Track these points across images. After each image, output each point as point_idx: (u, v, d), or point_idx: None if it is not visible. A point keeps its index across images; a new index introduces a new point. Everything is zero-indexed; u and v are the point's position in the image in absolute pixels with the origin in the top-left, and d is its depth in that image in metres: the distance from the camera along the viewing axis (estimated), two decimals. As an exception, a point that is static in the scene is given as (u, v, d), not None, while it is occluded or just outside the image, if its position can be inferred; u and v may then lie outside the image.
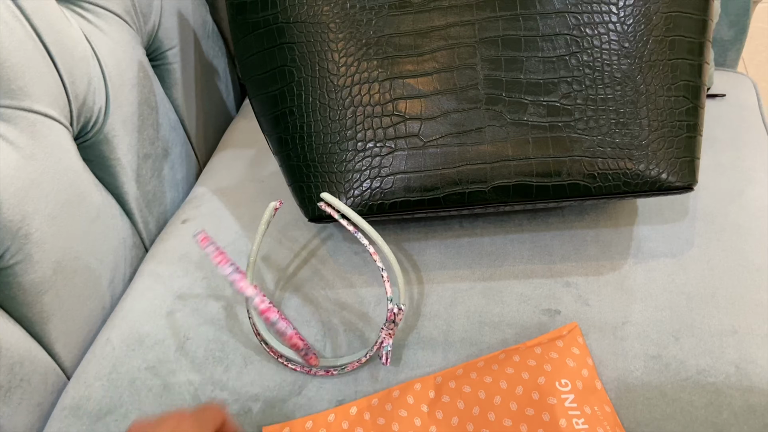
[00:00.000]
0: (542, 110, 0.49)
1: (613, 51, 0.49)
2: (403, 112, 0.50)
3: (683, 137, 0.49)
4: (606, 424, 0.46)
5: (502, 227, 0.59)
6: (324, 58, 0.52)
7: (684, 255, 0.56)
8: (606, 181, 0.49)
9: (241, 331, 0.54)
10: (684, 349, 0.51)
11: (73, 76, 0.53)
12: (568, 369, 0.48)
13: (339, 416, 0.48)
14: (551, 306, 0.54)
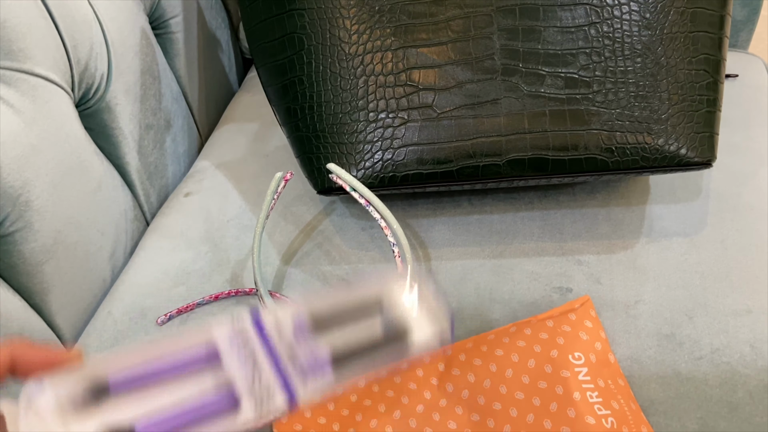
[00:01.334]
0: (560, 82, 0.48)
1: (633, 22, 0.48)
2: (417, 82, 0.49)
3: (703, 112, 0.48)
4: (620, 397, 0.45)
5: (512, 205, 0.58)
6: (335, 25, 0.50)
7: (697, 234, 0.55)
8: (624, 156, 0.48)
9: (247, 304, 0.53)
10: (698, 328, 0.50)
11: (75, 40, 0.52)
12: (581, 342, 0.47)
13: (348, 389, 0.47)
14: (562, 284, 0.53)
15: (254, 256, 0.51)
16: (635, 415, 0.45)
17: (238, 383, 0.27)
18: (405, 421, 0.45)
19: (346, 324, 0.30)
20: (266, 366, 0.28)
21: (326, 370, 0.28)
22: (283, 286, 0.54)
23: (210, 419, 0.27)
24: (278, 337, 0.28)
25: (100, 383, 0.25)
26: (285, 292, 0.54)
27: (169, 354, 0.27)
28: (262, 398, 0.27)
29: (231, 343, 0.28)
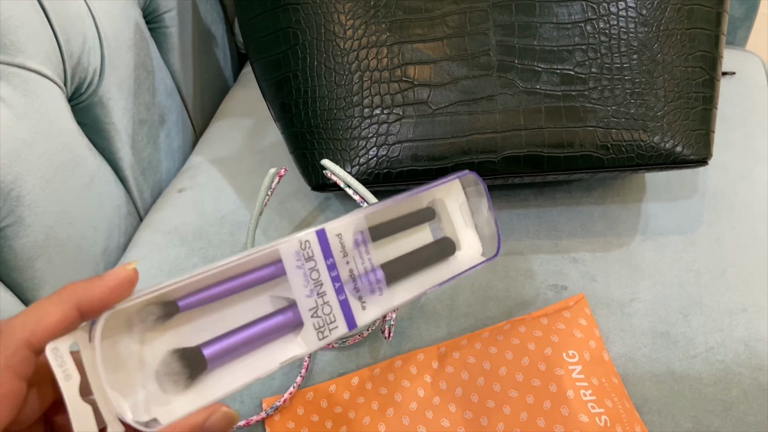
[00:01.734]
0: (556, 78, 0.48)
1: (630, 18, 0.47)
2: (412, 77, 0.49)
3: (699, 109, 0.48)
4: (614, 395, 0.45)
5: (508, 202, 0.58)
6: (330, 20, 0.50)
7: (693, 232, 0.55)
8: (619, 153, 0.48)
9: (240, 301, 0.53)
10: (693, 326, 0.50)
11: (67, 33, 0.51)
12: (575, 340, 0.47)
13: (341, 387, 0.47)
14: (557, 282, 0.53)
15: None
16: (629, 414, 0.44)
17: (301, 306, 0.27)
18: (398, 418, 0.45)
19: (401, 233, 0.30)
20: (330, 290, 0.28)
21: (383, 289, 0.29)
22: (277, 283, 0.54)
23: (274, 339, 0.27)
24: (341, 255, 0.28)
25: (168, 305, 0.25)
26: (279, 289, 0.53)
27: (236, 273, 0.27)
28: (324, 324, 0.27)
29: (296, 261, 0.28)
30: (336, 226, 0.29)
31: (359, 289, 0.29)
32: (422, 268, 0.30)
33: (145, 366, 0.24)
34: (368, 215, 0.30)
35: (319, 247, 0.28)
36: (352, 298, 0.28)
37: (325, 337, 0.27)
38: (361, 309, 0.28)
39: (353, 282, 0.28)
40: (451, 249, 0.30)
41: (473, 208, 0.31)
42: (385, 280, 0.29)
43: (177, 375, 0.25)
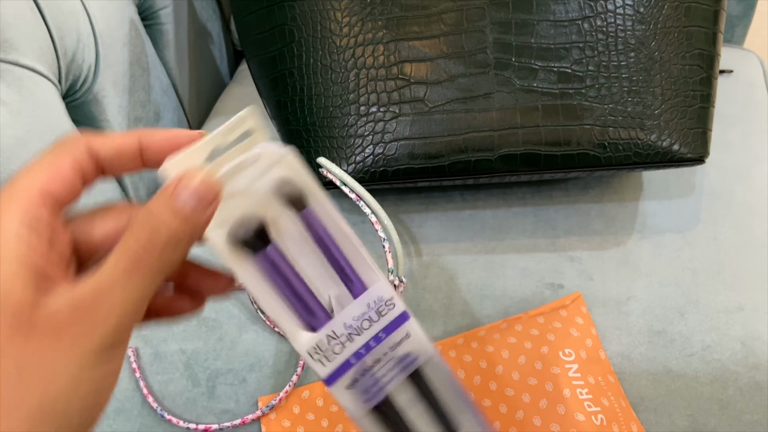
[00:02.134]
0: (553, 76, 0.47)
1: (627, 16, 0.47)
2: (409, 75, 0.49)
3: (696, 108, 0.48)
4: (610, 394, 0.45)
5: (505, 200, 0.58)
6: (326, 17, 0.49)
7: (690, 231, 0.55)
8: (616, 151, 0.47)
9: (237, 298, 0.53)
10: (689, 325, 0.50)
11: (61, 30, 0.51)
12: (571, 339, 0.47)
13: (337, 387, 0.47)
14: (554, 280, 0.53)
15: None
16: (625, 412, 0.44)
17: (332, 325, 0.27)
18: (394, 417, 0.45)
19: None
20: (353, 347, 0.28)
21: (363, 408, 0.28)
22: (273, 281, 0.54)
23: (296, 313, 0.27)
24: (389, 349, 0.28)
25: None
26: (275, 287, 0.53)
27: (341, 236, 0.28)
28: (322, 354, 0.28)
29: (370, 302, 0.28)
30: (416, 332, 0.29)
31: (362, 377, 0.28)
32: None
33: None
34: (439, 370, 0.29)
35: (392, 320, 0.28)
36: (351, 372, 0.28)
37: (310, 358, 0.27)
38: (344, 387, 0.28)
39: (367, 369, 0.28)
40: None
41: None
42: (366, 412, 0.29)
43: (244, 233, 0.25)
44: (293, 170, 0.26)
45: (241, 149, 0.26)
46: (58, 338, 0.20)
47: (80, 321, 0.20)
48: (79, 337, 0.20)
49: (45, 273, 0.21)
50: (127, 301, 0.21)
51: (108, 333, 0.20)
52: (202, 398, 0.48)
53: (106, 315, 0.20)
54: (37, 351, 0.19)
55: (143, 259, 0.21)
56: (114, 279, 0.21)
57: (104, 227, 0.24)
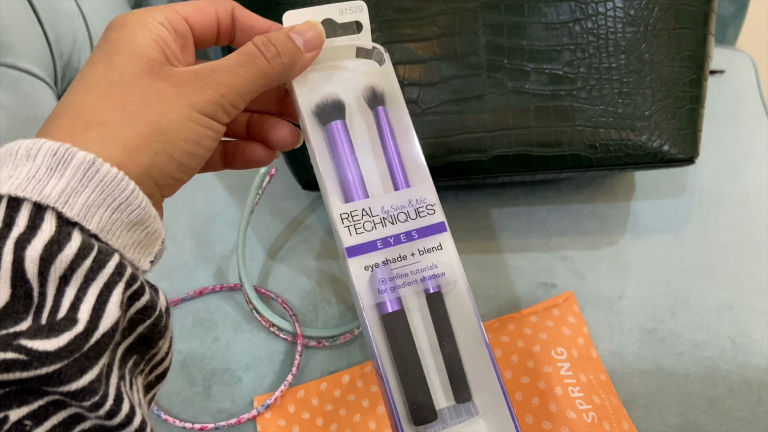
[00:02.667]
0: (544, 78, 0.48)
1: (618, 18, 0.48)
2: (402, 77, 0.49)
3: (686, 109, 0.48)
4: (601, 392, 0.45)
5: (498, 200, 0.59)
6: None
7: (681, 230, 0.56)
8: (607, 152, 0.48)
9: (232, 299, 0.53)
10: (680, 323, 0.50)
11: (57, 33, 0.51)
12: (564, 337, 0.47)
13: (331, 384, 0.47)
14: (547, 280, 0.53)
15: (239, 251, 0.51)
16: (616, 410, 0.45)
17: (371, 204, 0.30)
18: (388, 416, 0.45)
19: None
20: (384, 233, 0.30)
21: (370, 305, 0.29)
22: (269, 281, 0.54)
23: (337, 184, 0.30)
24: (416, 268, 0.30)
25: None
26: (270, 288, 0.54)
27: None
28: (353, 221, 0.30)
29: (408, 203, 0.30)
30: (449, 248, 0.30)
31: (383, 265, 0.29)
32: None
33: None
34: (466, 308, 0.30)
35: (428, 225, 0.30)
36: (374, 255, 0.29)
37: (340, 222, 0.29)
38: (363, 266, 0.29)
39: (392, 260, 0.29)
40: (424, 420, 0.28)
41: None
42: (379, 311, 0.29)
43: (325, 106, 0.30)
44: (385, 72, 0.31)
45: (352, 39, 0.31)
46: (177, 86, 0.25)
47: (196, 81, 0.26)
48: (193, 91, 0.26)
49: (176, 56, 0.27)
50: (233, 83, 0.26)
51: (214, 98, 0.26)
52: (198, 398, 0.48)
53: (216, 84, 0.26)
54: (159, 90, 0.25)
55: (255, 59, 0.27)
56: (230, 64, 0.27)
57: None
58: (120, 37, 0.26)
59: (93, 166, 0.22)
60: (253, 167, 0.32)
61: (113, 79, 0.25)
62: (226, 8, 0.30)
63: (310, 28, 0.29)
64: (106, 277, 0.22)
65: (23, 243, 0.20)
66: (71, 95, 0.25)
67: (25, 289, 0.20)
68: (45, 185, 0.21)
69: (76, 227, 0.22)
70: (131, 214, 0.23)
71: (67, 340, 0.20)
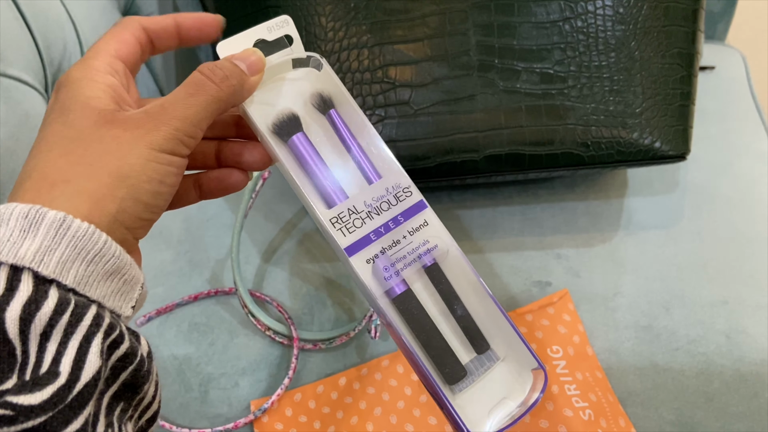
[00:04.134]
0: (535, 77, 0.48)
1: (607, 17, 0.48)
2: (393, 78, 0.49)
3: (677, 105, 0.48)
4: (597, 389, 0.45)
5: (492, 199, 0.59)
6: (311, 23, 0.50)
7: (674, 226, 0.56)
8: (599, 150, 0.48)
9: (227, 303, 0.53)
10: (675, 319, 0.50)
11: (47, 40, 0.51)
12: (559, 336, 0.47)
13: (328, 387, 0.47)
14: (542, 278, 0.53)
15: (232, 255, 0.51)
16: (612, 407, 0.45)
17: (351, 200, 0.31)
18: (386, 417, 0.45)
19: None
20: (374, 223, 0.31)
21: (381, 291, 0.31)
22: (264, 285, 0.54)
23: (318, 187, 0.31)
24: (408, 233, 0.31)
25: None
26: (266, 291, 0.54)
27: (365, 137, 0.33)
28: (342, 222, 0.31)
29: (390, 187, 0.32)
30: (434, 221, 0.31)
31: (381, 254, 0.30)
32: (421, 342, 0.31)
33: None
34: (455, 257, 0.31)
35: (409, 207, 0.31)
36: (371, 247, 0.30)
37: (332, 226, 0.30)
38: (364, 260, 0.30)
39: (387, 247, 0.30)
40: (457, 378, 0.31)
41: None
42: (389, 296, 0.30)
43: (281, 122, 0.31)
44: (325, 77, 0.32)
45: (286, 54, 0.32)
46: (132, 130, 0.26)
47: (149, 121, 0.26)
48: (148, 131, 0.26)
49: (124, 99, 0.28)
50: (186, 114, 0.27)
51: (170, 133, 0.26)
52: (194, 403, 0.48)
53: (168, 120, 0.26)
54: (115, 137, 0.26)
55: (203, 86, 0.28)
56: (179, 97, 0.27)
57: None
58: (69, 95, 0.27)
59: (64, 223, 0.23)
60: (230, 193, 0.33)
61: (71, 136, 0.26)
62: (135, 27, 0.30)
63: (250, 53, 0.30)
64: (85, 330, 0.23)
65: (2, 305, 0.21)
66: (34, 158, 0.26)
67: (8, 350, 0.21)
68: (20, 247, 0.22)
69: (53, 284, 0.23)
70: (106, 264, 0.24)
71: (50, 392, 0.21)
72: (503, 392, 0.30)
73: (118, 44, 0.29)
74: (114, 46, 0.29)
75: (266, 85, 0.32)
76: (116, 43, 0.29)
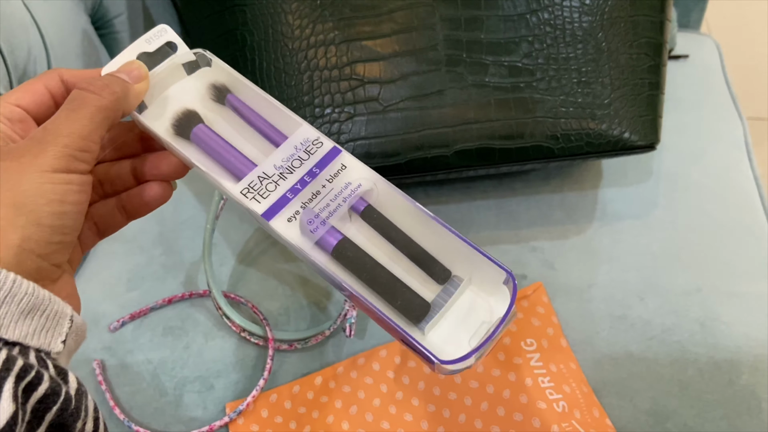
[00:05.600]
0: (504, 71, 0.48)
1: (574, 8, 0.48)
2: (362, 75, 0.49)
3: (645, 95, 0.48)
4: (572, 381, 0.45)
5: (468, 194, 0.59)
6: (277, 21, 0.49)
7: (648, 215, 0.56)
8: (569, 142, 0.48)
9: (202, 305, 0.53)
10: (649, 308, 0.51)
11: (11, 45, 0.50)
12: (533, 328, 0.47)
13: (304, 387, 0.47)
14: (517, 271, 0.53)
15: (205, 257, 0.51)
16: (587, 398, 0.45)
17: (261, 168, 0.30)
18: (362, 415, 0.45)
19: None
20: (287, 183, 0.30)
21: (312, 242, 0.30)
22: (239, 286, 0.54)
23: (224, 168, 0.31)
24: (327, 181, 0.30)
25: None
26: (241, 292, 0.53)
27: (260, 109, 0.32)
28: (254, 191, 0.30)
29: (298, 143, 0.31)
30: (353, 163, 0.30)
31: (302, 209, 0.29)
32: (367, 285, 0.29)
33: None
34: (382, 193, 0.30)
35: (323, 156, 0.30)
36: (290, 206, 0.29)
37: (244, 198, 0.29)
38: (285, 220, 0.29)
39: (307, 201, 0.29)
40: (420, 315, 0.28)
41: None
42: (326, 251, 0.29)
43: (179, 121, 0.31)
44: (216, 69, 0.32)
45: (170, 62, 0.32)
46: (19, 158, 0.26)
47: (35, 146, 0.26)
48: (36, 155, 0.26)
49: (14, 141, 0.28)
50: (72, 130, 0.26)
51: (59, 151, 0.26)
52: (169, 407, 0.48)
53: (54, 138, 0.26)
54: (5, 169, 0.26)
55: (83, 99, 0.27)
56: (61, 115, 0.27)
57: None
58: None
59: None
60: (155, 208, 0.32)
61: None
62: (52, 78, 0.30)
63: (128, 64, 0.31)
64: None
65: None
66: None
67: None
68: None
69: None
70: (20, 303, 0.23)
71: None
72: (480, 316, 0.28)
73: (22, 94, 0.29)
74: (16, 95, 0.29)
75: (160, 95, 0.31)
76: (20, 92, 0.29)
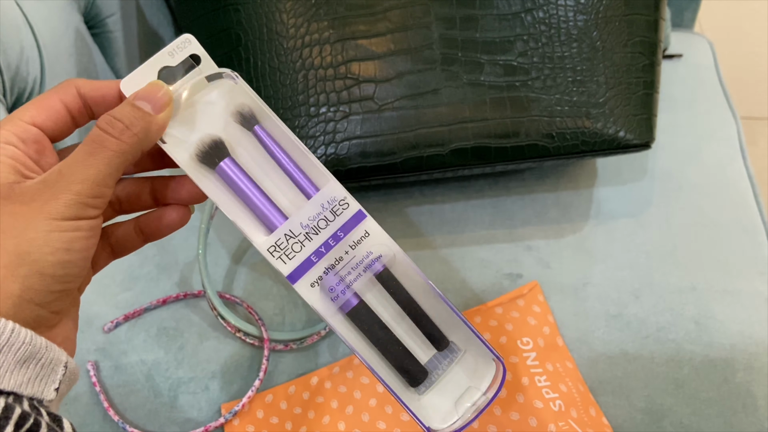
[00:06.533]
0: (499, 70, 0.48)
1: (569, 7, 0.48)
2: (357, 74, 0.49)
3: (640, 94, 0.49)
4: (568, 379, 0.45)
5: (463, 193, 0.59)
6: (272, 20, 0.49)
7: (643, 214, 0.56)
8: (564, 141, 0.48)
9: (197, 306, 0.52)
10: (644, 307, 0.51)
11: (3, 44, 0.50)
12: (529, 327, 0.47)
13: (300, 387, 0.47)
14: (513, 270, 0.53)
15: (199, 257, 0.51)
16: (583, 397, 0.45)
17: (289, 224, 0.30)
18: (358, 416, 0.45)
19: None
20: (313, 245, 0.30)
21: (334, 304, 0.31)
22: (234, 286, 0.53)
23: (255, 216, 0.30)
24: (350, 247, 0.31)
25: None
26: (236, 292, 0.53)
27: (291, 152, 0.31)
28: (281, 250, 0.30)
29: (325, 202, 0.30)
30: (376, 231, 0.30)
31: (325, 275, 0.30)
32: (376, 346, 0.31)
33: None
34: (403, 262, 0.31)
35: (348, 219, 0.30)
36: (314, 270, 0.29)
37: (271, 256, 0.29)
38: (308, 284, 0.29)
39: (330, 267, 0.30)
40: (418, 380, 0.31)
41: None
42: (342, 311, 0.30)
43: (205, 151, 0.30)
44: (243, 93, 0.30)
45: (195, 74, 0.30)
46: (29, 203, 0.25)
47: (46, 191, 0.25)
48: (46, 201, 0.25)
49: (30, 168, 0.26)
50: (87, 176, 0.25)
51: (70, 199, 0.25)
52: (164, 408, 0.47)
53: (67, 185, 0.25)
54: (12, 213, 0.24)
55: (103, 142, 0.26)
56: (78, 158, 0.25)
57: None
58: None
59: None
60: (172, 231, 0.31)
61: None
62: (68, 91, 0.28)
63: (152, 88, 0.28)
64: None
65: None
66: None
67: None
68: None
69: None
70: (17, 353, 0.23)
71: None
72: (468, 381, 0.31)
73: (37, 110, 0.27)
74: (31, 112, 0.27)
75: (181, 113, 0.29)
76: (35, 109, 0.27)
